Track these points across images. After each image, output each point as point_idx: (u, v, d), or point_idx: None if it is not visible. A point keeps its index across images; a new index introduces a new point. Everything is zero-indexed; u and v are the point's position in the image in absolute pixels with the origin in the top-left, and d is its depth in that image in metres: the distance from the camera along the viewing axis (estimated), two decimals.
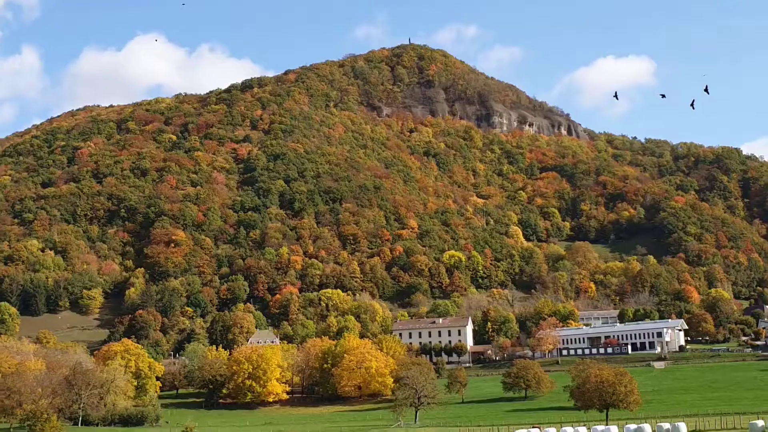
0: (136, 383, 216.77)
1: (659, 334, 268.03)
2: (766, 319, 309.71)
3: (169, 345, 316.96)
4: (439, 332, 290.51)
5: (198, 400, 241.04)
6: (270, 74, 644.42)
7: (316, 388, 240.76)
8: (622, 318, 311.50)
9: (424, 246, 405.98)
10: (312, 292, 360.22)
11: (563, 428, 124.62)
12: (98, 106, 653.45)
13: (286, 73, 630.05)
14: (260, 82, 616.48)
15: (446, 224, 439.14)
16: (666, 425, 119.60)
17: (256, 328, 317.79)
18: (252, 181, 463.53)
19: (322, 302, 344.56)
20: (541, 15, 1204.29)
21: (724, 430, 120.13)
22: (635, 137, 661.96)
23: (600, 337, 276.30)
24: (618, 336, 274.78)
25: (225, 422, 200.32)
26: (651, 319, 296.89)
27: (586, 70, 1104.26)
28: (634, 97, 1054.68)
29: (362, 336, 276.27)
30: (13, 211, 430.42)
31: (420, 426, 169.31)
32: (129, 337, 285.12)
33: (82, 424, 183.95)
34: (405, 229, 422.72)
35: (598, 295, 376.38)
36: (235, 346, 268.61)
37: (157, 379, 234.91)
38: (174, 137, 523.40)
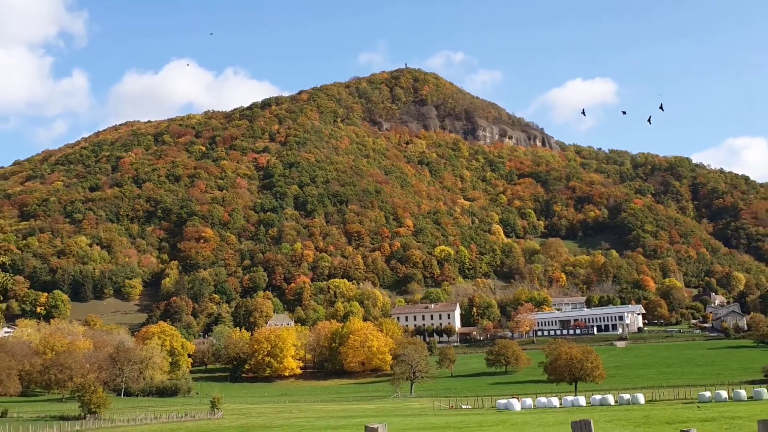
0: (170, 360, 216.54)
1: (620, 318, 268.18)
2: (712, 305, 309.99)
3: (199, 327, 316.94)
4: (431, 316, 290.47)
5: (224, 374, 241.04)
6: (286, 94, 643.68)
7: (326, 364, 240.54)
8: (588, 304, 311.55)
9: (418, 242, 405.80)
10: (322, 281, 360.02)
11: (538, 398, 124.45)
12: (138, 121, 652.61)
13: (300, 93, 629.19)
14: (277, 100, 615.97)
15: (437, 223, 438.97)
16: (626, 396, 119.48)
17: (273, 312, 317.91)
18: (270, 186, 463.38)
19: (330, 290, 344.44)
20: (519, 43, 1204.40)
21: (676, 400, 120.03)
22: (600, 148, 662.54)
23: (570, 320, 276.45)
24: (585, 319, 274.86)
25: (247, 393, 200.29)
26: (613, 305, 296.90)
27: (558, 90, 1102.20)
28: (599, 113, 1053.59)
29: (365, 319, 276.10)
30: (65, 211, 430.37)
31: (415, 397, 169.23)
32: (164, 320, 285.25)
33: (124, 395, 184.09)
34: (402, 227, 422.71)
35: (568, 284, 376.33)
36: (256, 328, 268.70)
37: (189, 356, 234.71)
38: (203, 148, 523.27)
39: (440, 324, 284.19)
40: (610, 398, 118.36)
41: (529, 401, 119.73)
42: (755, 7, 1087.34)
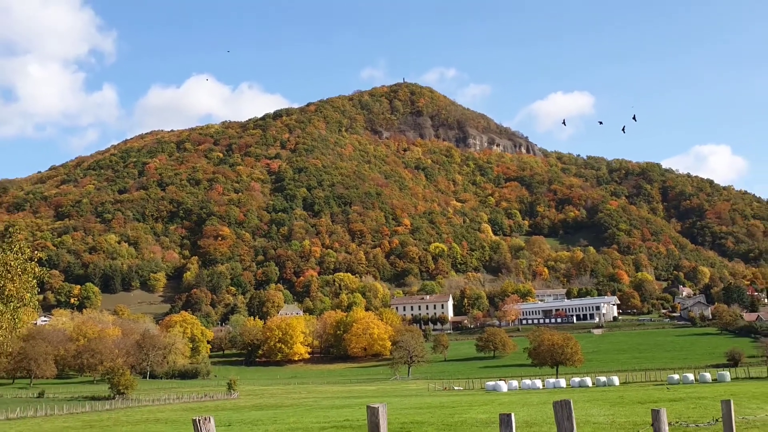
0: (191, 346, 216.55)
1: (597, 308, 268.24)
2: (680, 296, 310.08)
3: (217, 316, 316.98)
4: (427, 306, 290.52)
5: (239, 359, 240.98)
6: (295, 106, 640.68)
7: (331, 349, 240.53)
8: (568, 295, 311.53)
9: (415, 239, 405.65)
10: (328, 275, 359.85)
11: (523, 381, 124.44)
12: (162, 130, 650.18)
13: (308, 105, 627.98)
14: (288, 112, 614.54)
15: (432, 222, 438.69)
16: (603, 378, 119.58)
17: (284, 303, 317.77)
18: (281, 188, 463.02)
19: (335, 283, 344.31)
20: (506, 60, 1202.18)
21: (648, 382, 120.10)
22: (579, 155, 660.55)
23: (551, 310, 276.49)
24: (565, 309, 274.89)
25: (261, 376, 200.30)
26: (591, 296, 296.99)
27: (541, 102, 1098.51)
28: (578, 123, 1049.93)
29: (367, 309, 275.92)
30: (96, 212, 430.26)
31: (412, 379, 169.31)
32: (186, 310, 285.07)
33: (149, 378, 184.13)
34: (400, 226, 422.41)
35: (550, 277, 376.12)
36: (268, 317, 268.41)
37: (208, 342, 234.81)
38: (221, 155, 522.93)
39: (435, 313, 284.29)
40: (588, 380, 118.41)
41: (514, 383, 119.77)
42: (720, 26, 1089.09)
